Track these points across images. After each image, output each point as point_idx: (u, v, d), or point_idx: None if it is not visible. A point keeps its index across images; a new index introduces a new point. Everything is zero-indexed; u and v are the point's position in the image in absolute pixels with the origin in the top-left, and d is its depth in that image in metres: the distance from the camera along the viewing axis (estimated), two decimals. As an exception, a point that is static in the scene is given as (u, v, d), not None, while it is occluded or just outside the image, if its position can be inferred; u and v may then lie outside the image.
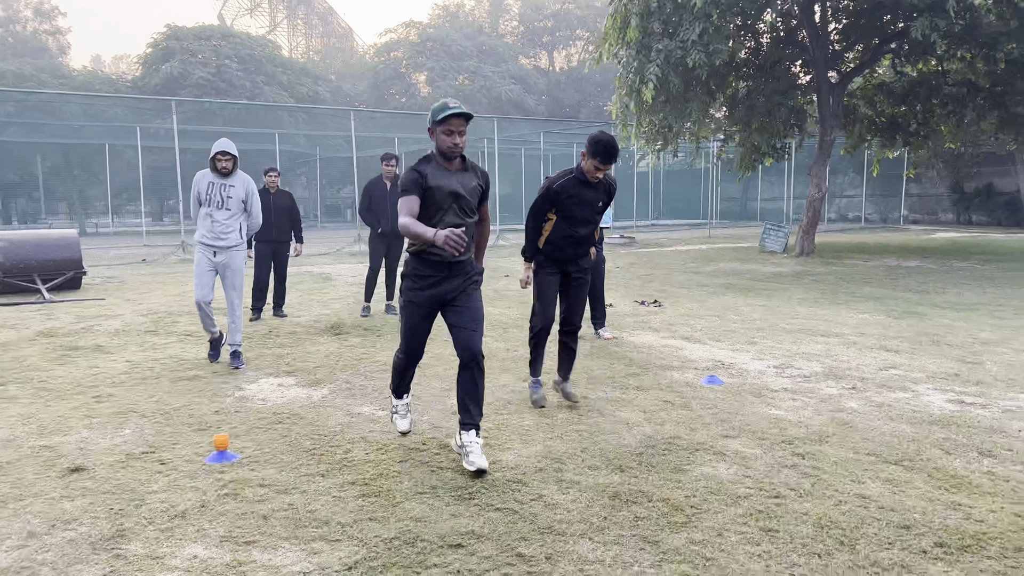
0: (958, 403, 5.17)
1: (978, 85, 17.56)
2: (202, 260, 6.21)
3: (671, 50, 13.58)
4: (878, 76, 19.99)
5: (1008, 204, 30.58)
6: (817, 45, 16.38)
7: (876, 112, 20.18)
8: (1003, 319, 8.58)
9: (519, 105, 36.11)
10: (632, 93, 14.37)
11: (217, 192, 6.18)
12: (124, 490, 3.71)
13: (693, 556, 2.98)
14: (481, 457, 3.86)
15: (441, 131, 3.86)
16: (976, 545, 3.03)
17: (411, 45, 38.87)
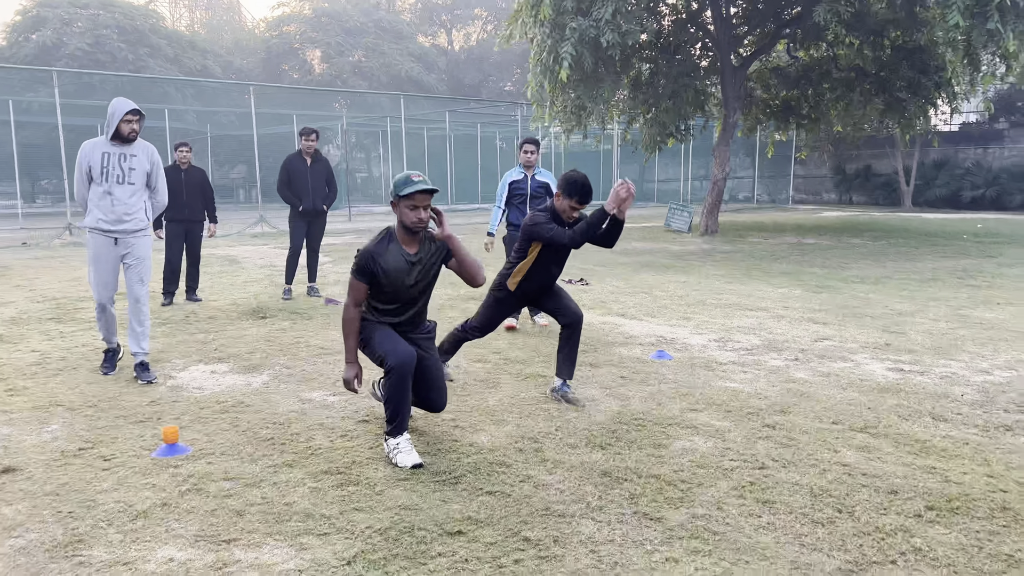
0: (898, 371, 5.37)
1: (866, 71, 18.43)
2: (101, 250, 5.13)
3: (584, 29, 13.59)
4: (773, 60, 20.71)
5: (885, 185, 32.45)
6: (721, 28, 16.78)
7: (771, 95, 20.93)
8: (911, 291, 9.04)
9: (420, 84, 35.52)
10: (546, 72, 14.31)
11: (115, 164, 5.07)
12: (69, 491, 3.36)
13: (700, 531, 2.94)
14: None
15: (405, 206, 3.64)
16: (964, 507, 3.12)
17: (305, 20, 37.54)
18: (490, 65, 41.88)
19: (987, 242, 15.36)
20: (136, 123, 5.11)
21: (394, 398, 3.66)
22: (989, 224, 20.25)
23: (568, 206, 4.49)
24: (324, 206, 8.70)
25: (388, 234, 3.77)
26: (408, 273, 3.74)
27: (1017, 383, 5.03)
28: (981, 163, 30.31)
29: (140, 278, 5.26)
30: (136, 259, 5.23)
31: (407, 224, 3.68)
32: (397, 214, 3.71)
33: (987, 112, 16.75)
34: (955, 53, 16.25)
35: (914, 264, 11.83)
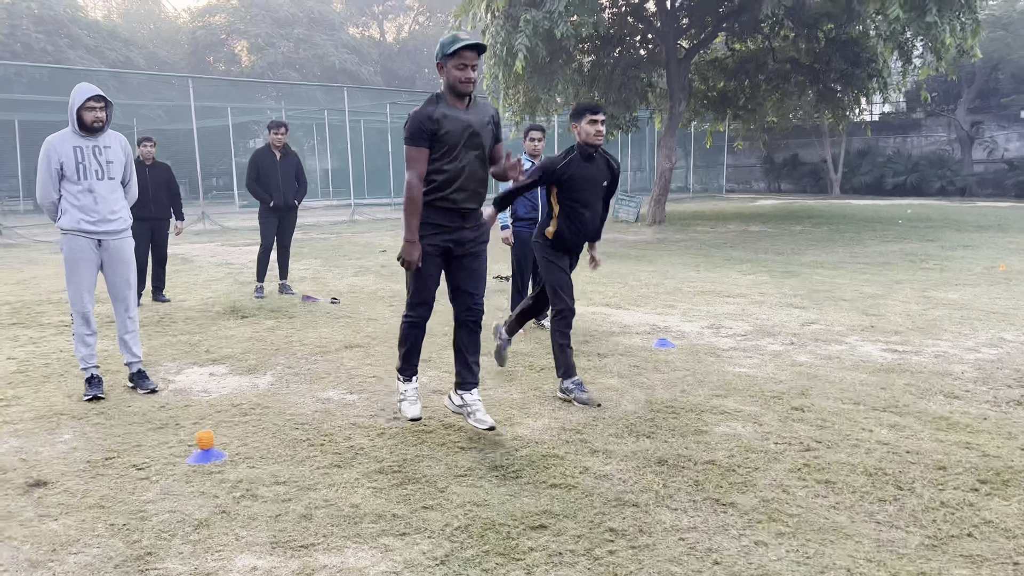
0: (893, 352, 5.58)
1: (800, 62, 19.00)
2: (82, 253, 4.66)
3: (538, 21, 13.60)
4: (711, 52, 21.15)
5: (812, 173, 33.59)
6: (666, 20, 17.03)
7: (709, 87, 21.39)
8: (871, 275, 9.38)
9: (354, 76, 34.91)
10: (500, 64, 14.28)
11: (91, 158, 4.61)
12: (113, 502, 3.20)
13: (776, 514, 3.00)
14: (486, 415, 3.79)
15: (453, 65, 3.57)
16: (1014, 480, 3.27)
17: (232, 10, 36.43)
18: (424, 57, 41.48)
19: (921, 226, 16.06)
20: (100, 110, 4.61)
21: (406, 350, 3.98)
22: (916, 209, 21.18)
23: (587, 125, 4.45)
24: (295, 201, 8.49)
25: (437, 96, 3.69)
26: (464, 127, 3.64)
27: (1007, 360, 5.29)
28: (901, 151, 31.68)
29: (128, 281, 4.88)
30: (122, 261, 4.84)
31: (454, 84, 3.61)
32: (444, 77, 3.65)
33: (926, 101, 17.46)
34: (887, 45, 16.94)
35: (863, 249, 12.28)
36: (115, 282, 4.85)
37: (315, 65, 34.97)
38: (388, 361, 5.49)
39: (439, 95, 3.70)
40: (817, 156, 32.99)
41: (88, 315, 4.78)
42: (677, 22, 17.67)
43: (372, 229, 17.86)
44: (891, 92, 18.90)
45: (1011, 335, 6.04)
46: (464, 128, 3.65)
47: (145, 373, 5.00)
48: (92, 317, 4.82)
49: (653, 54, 18.64)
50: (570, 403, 4.43)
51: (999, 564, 2.61)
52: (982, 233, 14.48)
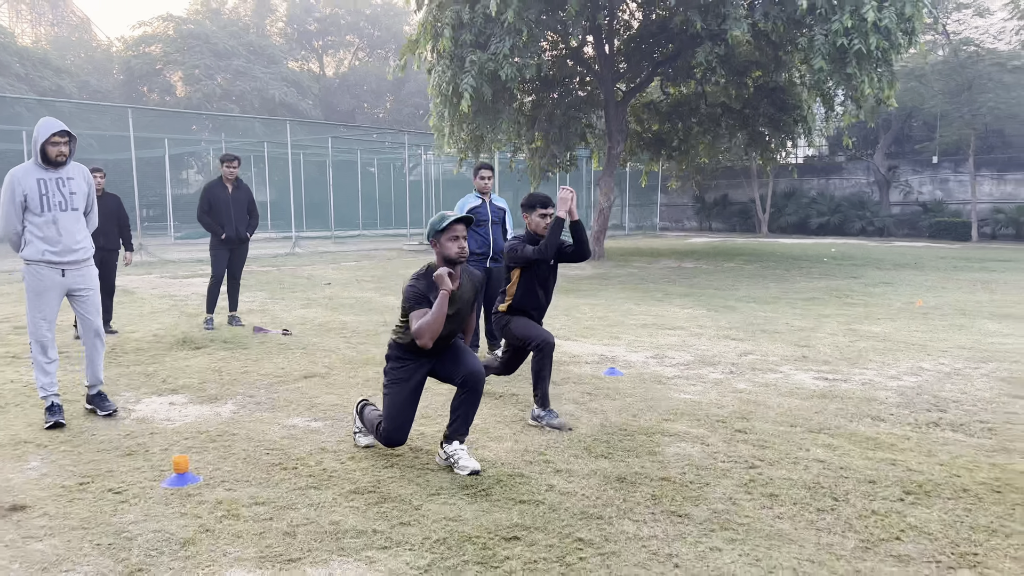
0: (823, 379, 5.99)
1: (731, 107, 19.94)
2: (45, 283, 4.74)
3: (483, 62, 14.02)
4: (646, 96, 21.99)
5: (741, 212, 34.87)
6: (605, 64, 17.69)
7: (644, 129, 22.21)
8: (801, 309, 9.93)
9: (293, 109, 34.90)
10: (446, 102, 14.62)
11: (55, 189, 4.70)
12: (95, 524, 3.29)
13: (727, 523, 3.28)
14: (472, 460, 3.92)
15: (446, 239, 3.89)
16: (934, 491, 3.64)
17: (170, 40, 36.09)
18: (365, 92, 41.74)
19: (846, 264, 16.93)
20: (64, 145, 4.73)
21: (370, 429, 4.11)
22: (840, 248, 22.25)
23: (537, 217, 4.87)
24: (247, 233, 8.59)
25: (429, 269, 3.97)
26: (451, 304, 3.93)
27: (926, 386, 5.75)
28: (825, 193, 33.19)
29: (96, 308, 5.01)
30: (89, 289, 4.94)
31: (451, 256, 3.90)
32: (438, 250, 3.94)
33: (848, 146, 18.50)
34: (810, 93, 17.96)
35: (792, 285, 12.92)
36: (84, 309, 4.96)
37: (254, 97, 34.85)
38: (348, 390, 5.64)
39: (431, 268, 3.98)
40: (746, 196, 34.29)
41: (46, 344, 4.83)
42: (615, 66, 18.36)
43: (314, 262, 17.86)
44: (815, 137, 19.97)
45: (928, 364, 6.54)
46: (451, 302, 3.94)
47: (105, 395, 5.11)
48: (51, 345, 4.86)
49: (592, 96, 19.30)
50: (534, 427, 4.66)
51: (924, 563, 2.94)
52: (900, 271, 15.36)
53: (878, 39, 12.98)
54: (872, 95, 13.86)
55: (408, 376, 4.03)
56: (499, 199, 7.08)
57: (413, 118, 41.72)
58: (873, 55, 13.14)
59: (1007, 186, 28.88)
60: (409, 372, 4.04)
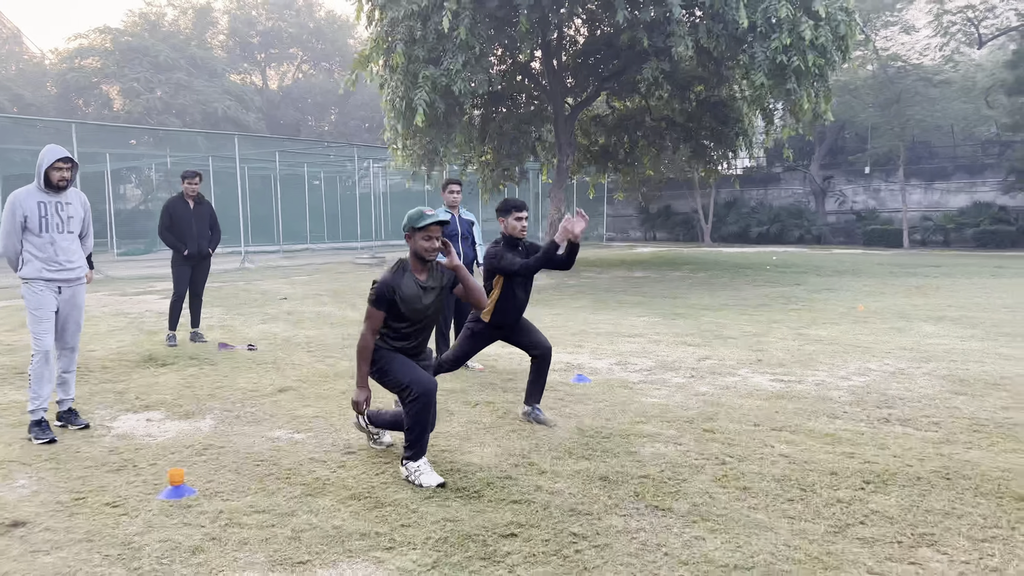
0: (779, 381, 6.33)
1: (675, 120, 20.53)
2: (44, 299, 4.97)
3: (436, 77, 14.21)
4: (593, 110, 22.47)
5: (684, 223, 35.72)
6: (554, 79, 18.06)
7: (591, 142, 22.67)
8: (751, 315, 10.34)
9: (237, 122, 34.48)
10: (399, 117, 14.76)
11: (54, 212, 4.99)
12: (100, 537, 3.36)
13: (707, 515, 3.52)
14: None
15: (421, 237, 4.03)
16: (890, 479, 3.95)
17: (107, 53, 35.33)
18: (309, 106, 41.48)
19: (788, 272, 17.56)
20: (67, 171, 5.02)
21: (419, 423, 3.97)
22: (781, 256, 23.01)
23: (513, 220, 5.06)
24: (209, 249, 8.60)
25: (402, 264, 4.11)
26: (422, 299, 4.08)
27: (874, 385, 6.13)
28: (764, 203, 34.25)
29: (78, 324, 5.22)
30: (76, 307, 5.17)
31: (422, 252, 4.04)
32: (411, 245, 4.07)
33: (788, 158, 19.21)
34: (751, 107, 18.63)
35: (740, 292, 13.39)
36: (67, 325, 5.14)
37: (196, 111, 34.35)
38: (325, 402, 5.75)
39: (404, 263, 4.12)
40: (689, 207, 35.14)
41: (49, 352, 5.01)
42: (564, 81, 18.75)
43: (265, 276, 17.73)
44: (755, 149, 20.68)
45: (875, 365, 6.94)
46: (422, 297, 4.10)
47: (76, 411, 5.25)
48: (52, 355, 5.05)
49: (541, 110, 19.65)
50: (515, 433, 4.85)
51: (887, 544, 3.22)
52: (840, 277, 16.02)
53: (815, 56, 13.61)
54: (810, 109, 14.48)
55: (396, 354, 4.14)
56: (467, 213, 7.28)
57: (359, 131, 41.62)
58: (811, 71, 13.76)
59: (935, 195, 30.25)
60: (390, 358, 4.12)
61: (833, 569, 2.99)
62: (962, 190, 29.50)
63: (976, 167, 29.76)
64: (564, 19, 16.89)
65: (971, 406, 5.44)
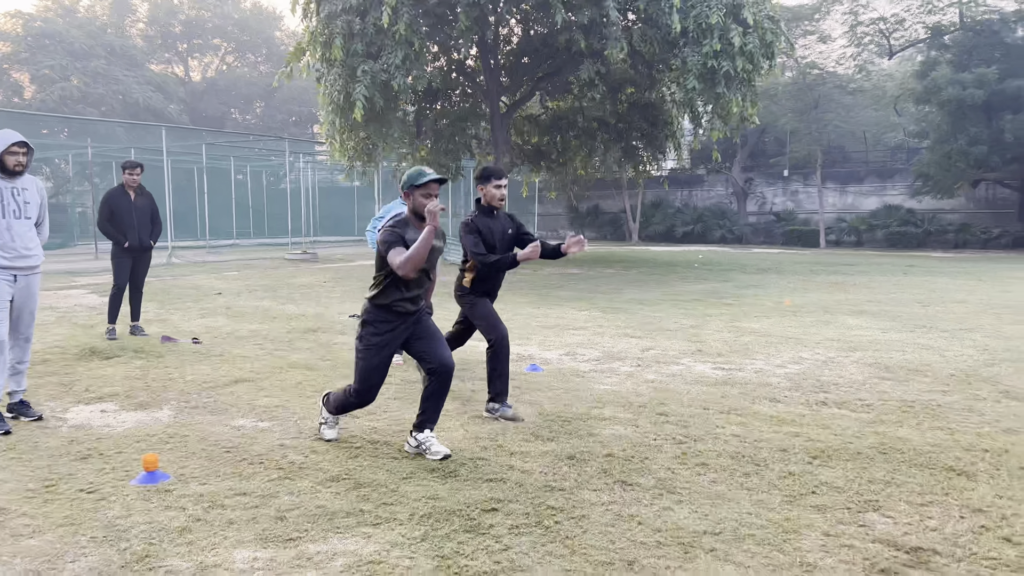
0: (721, 370, 6.66)
1: (606, 122, 20.98)
2: (0, 289, 4.89)
3: (376, 72, 14.20)
4: (527, 109, 22.75)
5: (612, 222, 36.45)
6: (491, 78, 18.24)
7: (525, 141, 22.95)
8: (686, 310, 10.74)
9: (159, 114, 33.44)
10: (338, 111, 14.68)
11: (10, 198, 4.87)
12: (82, 521, 3.37)
13: (672, 488, 3.76)
14: (442, 445, 4.23)
15: (420, 194, 4.13)
16: (834, 455, 4.27)
17: (18, 39, 33.75)
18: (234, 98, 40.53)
19: (715, 269, 18.19)
20: (23, 156, 4.93)
21: (337, 407, 4.45)
22: (707, 255, 23.77)
23: (492, 188, 5.11)
24: (151, 241, 8.46)
25: (402, 219, 4.22)
26: None
27: (809, 372, 6.52)
28: (688, 203, 35.26)
29: (32, 314, 5.14)
30: (31, 296, 5.08)
31: (421, 209, 4.12)
32: (410, 203, 4.18)
33: (716, 159, 19.87)
34: (679, 109, 19.21)
35: (672, 288, 13.84)
36: (22, 315, 5.05)
37: (115, 101, 33.18)
38: (283, 392, 5.78)
39: (404, 219, 4.22)
40: (617, 207, 35.87)
41: (4, 344, 4.90)
42: (500, 80, 18.94)
43: (194, 272, 17.35)
44: (684, 151, 21.31)
45: (807, 354, 7.36)
46: None
47: (27, 403, 5.16)
48: (7, 347, 4.95)
49: (475, 108, 19.80)
50: (482, 418, 5.00)
51: (838, 510, 3.52)
52: (764, 275, 16.70)
53: (743, 62, 14.18)
54: (738, 113, 15.07)
55: (384, 343, 4.23)
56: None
57: (286, 125, 40.92)
58: (740, 76, 14.32)
59: (848, 197, 31.72)
60: (386, 340, 4.22)
61: (792, 532, 3.26)
62: (873, 193, 31.03)
63: (886, 172, 31.36)
64: (501, 18, 17.08)
65: (898, 390, 5.86)
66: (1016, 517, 3.39)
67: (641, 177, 23.35)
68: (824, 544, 3.14)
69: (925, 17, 26.85)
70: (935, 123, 24.77)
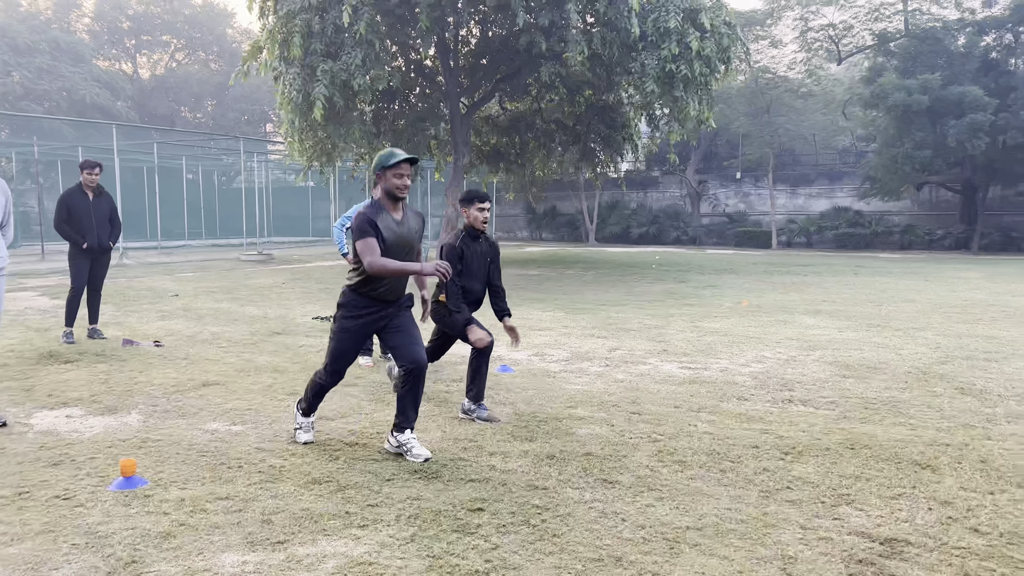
0: (687, 369, 6.79)
1: (565, 123, 21.12)
2: None
3: (335, 72, 14.09)
4: (485, 110, 22.77)
5: (569, 223, 36.68)
6: (451, 79, 18.23)
7: (483, 142, 22.98)
8: (648, 310, 10.89)
9: (107, 111, 32.63)
10: (297, 110, 14.53)
11: None
12: (59, 528, 3.31)
13: (652, 485, 3.84)
14: (423, 448, 4.24)
15: (392, 175, 4.12)
16: (804, 451, 4.39)
17: (-43, 32, 32.62)
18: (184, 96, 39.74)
19: (672, 270, 18.45)
20: None
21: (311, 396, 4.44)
22: (663, 256, 24.08)
23: (475, 211, 5.15)
24: (110, 243, 8.30)
25: (376, 203, 4.21)
26: (401, 233, 4.19)
27: (772, 371, 6.68)
28: (643, 205, 35.66)
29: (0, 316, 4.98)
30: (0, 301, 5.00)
31: (394, 190, 4.13)
32: (383, 184, 4.16)
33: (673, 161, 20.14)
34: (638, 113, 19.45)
35: (632, 288, 14.01)
36: None
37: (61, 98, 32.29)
38: (253, 396, 5.73)
39: (377, 202, 4.22)
40: (573, 208, 36.10)
41: None
42: (460, 81, 18.94)
43: (148, 273, 17.01)
44: (641, 153, 21.58)
45: (769, 353, 7.54)
46: (396, 232, 4.19)
47: None
48: None
49: (435, 109, 19.76)
50: (459, 420, 5.03)
51: (812, 504, 3.63)
52: (720, 275, 17.00)
53: (700, 65, 14.41)
54: (696, 116, 15.31)
55: (359, 328, 4.23)
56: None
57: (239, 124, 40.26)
58: (697, 80, 14.55)
59: (799, 199, 32.43)
60: (361, 325, 4.23)
61: (771, 527, 3.36)
62: (823, 195, 31.78)
63: (835, 174, 32.14)
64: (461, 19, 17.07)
65: (859, 387, 6.05)
66: (981, 508, 3.54)
67: (599, 179, 23.56)
68: (803, 537, 3.25)
69: (872, 24, 27.63)
70: (882, 127, 25.47)
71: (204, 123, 40.66)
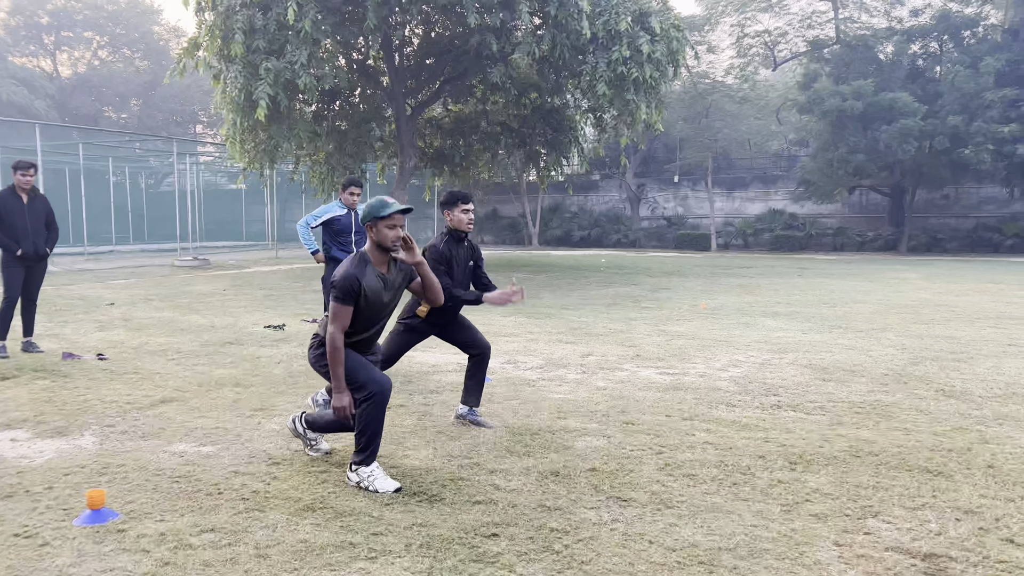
0: (666, 374, 6.65)
1: (510, 126, 20.96)
2: None
3: (280, 70, 13.59)
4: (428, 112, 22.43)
5: (511, 226, 36.54)
6: (396, 80, 17.85)
7: (427, 144, 22.63)
8: (609, 314, 10.76)
9: (25, 110, 31.02)
10: (239, 110, 13.96)
11: None
12: (26, 571, 2.93)
13: (669, 502, 3.64)
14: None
15: (385, 226, 3.80)
16: (813, 460, 4.27)
17: None
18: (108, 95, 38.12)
19: (621, 273, 18.45)
20: None
21: (372, 425, 3.79)
22: (609, 259, 24.13)
23: (460, 213, 4.91)
24: (47, 249, 7.73)
25: (362, 257, 3.88)
26: (383, 293, 3.90)
27: (752, 375, 6.60)
28: (584, 208, 35.80)
29: None
30: None
31: (386, 243, 3.83)
32: (373, 236, 3.84)
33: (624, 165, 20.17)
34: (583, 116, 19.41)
35: (587, 292, 13.90)
36: None
37: (-25, 96, 30.57)
38: (219, 412, 5.34)
39: (364, 256, 3.89)
40: (515, 211, 35.99)
41: None
42: (405, 82, 18.57)
43: (76, 281, 16.11)
44: (586, 156, 21.59)
45: (742, 357, 7.47)
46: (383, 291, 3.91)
47: None
48: None
49: (378, 109, 19.34)
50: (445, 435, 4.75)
51: (837, 518, 3.49)
52: (669, 278, 17.06)
53: (651, 69, 14.41)
54: (645, 119, 15.31)
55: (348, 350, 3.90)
56: (363, 210, 7.11)
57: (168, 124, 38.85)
58: (648, 83, 14.55)
59: (735, 202, 33.02)
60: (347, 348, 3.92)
61: (805, 544, 3.20)
62: (758, 198, 32.42)
63: (769, 178, 32.83)
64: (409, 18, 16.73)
65: (842, 391, 6.00)
66: (1009, 517, 3.46)
67: (545, 182, 23.48)
68: (840, 555, 3.10)
69: (805, 31, 28.31)
70: (817, 132, 26.10)
71: (129, 123, 39.09)
